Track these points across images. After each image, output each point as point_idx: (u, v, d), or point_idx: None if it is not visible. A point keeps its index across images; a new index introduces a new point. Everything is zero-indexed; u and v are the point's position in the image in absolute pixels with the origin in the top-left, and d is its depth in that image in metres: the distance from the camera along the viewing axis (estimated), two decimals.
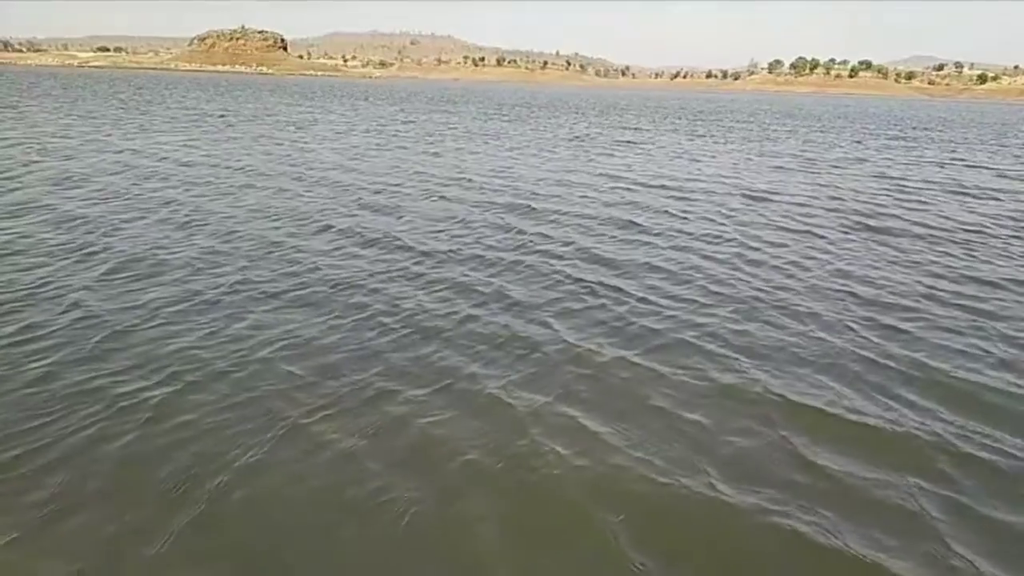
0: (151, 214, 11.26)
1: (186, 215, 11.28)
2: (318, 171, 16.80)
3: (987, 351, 6.62)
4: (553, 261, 9.36)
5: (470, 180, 16.28)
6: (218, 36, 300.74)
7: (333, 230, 10.70)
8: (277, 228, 10.78)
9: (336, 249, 9.64)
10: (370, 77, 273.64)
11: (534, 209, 12.99)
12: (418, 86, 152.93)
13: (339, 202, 13.06)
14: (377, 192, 14.33)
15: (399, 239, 10.26)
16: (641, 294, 8.05)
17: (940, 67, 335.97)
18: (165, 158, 17.92)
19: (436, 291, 7.91)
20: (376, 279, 8.27)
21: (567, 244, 10.34)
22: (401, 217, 11.90)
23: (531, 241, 10.48)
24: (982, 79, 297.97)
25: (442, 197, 14.06)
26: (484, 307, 7.41)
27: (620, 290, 8.15)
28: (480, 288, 8.05)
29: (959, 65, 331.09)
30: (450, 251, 9.72)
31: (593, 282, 8.44)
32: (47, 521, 3.80)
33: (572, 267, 9.10)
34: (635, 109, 68.08)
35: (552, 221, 11.98)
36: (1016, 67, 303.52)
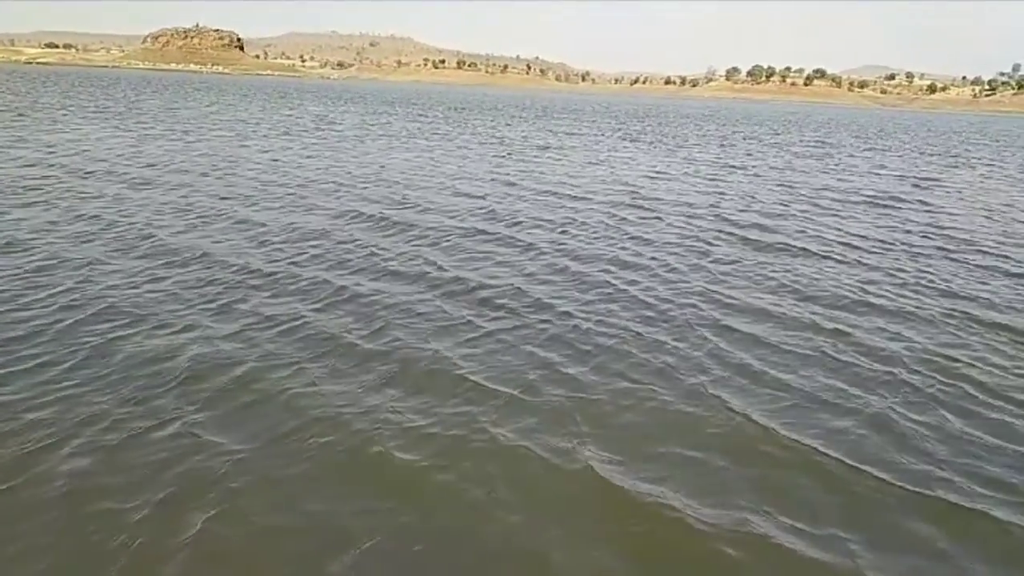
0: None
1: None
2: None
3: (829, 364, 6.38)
4: (416, 270, 8.76)
5: (362, 183, 15.14)
6: (172, 34, 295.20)
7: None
8: (160, 220, 10.64)
9: (205, 244, 9.20)
10: (327, 78, 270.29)
11: (416, 215, 12.28)
12: (374, 88, 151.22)
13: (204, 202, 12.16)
14: (251, 193, 13.44)
15: (247, 246, 9.54)
16: (499, 302, 7.67)
17: (891, 76, 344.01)
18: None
19: (281, 298, 7.47)
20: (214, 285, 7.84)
21: (436, 252, 9.72)
22: (258, 223, 10.90)
23: (399, 249, 9.84)
24: (931, 89, 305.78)
25: (337, 197, 13.38)
26: (325, 312, 7.09)
27: (486, 302, 7.68)
28: (339, 290, 7.76)
29: (910, 75, 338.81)
30: (309, 254, 9.25)
31: (457, 287, 8.12)
32: None
33: (436, 270, 8.75)
34: (579, 113, 67.51)
35: (426, 229, 11.11)
36: (964, 78, 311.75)
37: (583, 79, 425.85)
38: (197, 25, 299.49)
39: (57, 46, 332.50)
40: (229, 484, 4.14)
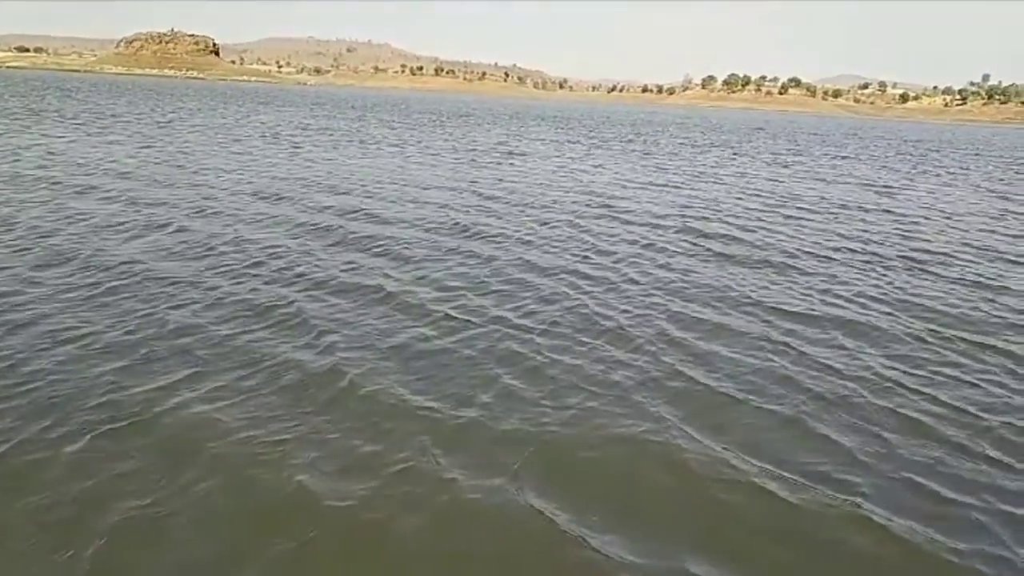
0: None
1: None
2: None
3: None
4: (365, 281, 8.50)
5: (322, 191, 14.83)
6: (146, 39, 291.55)
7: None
8: (100, 230, 10.31)
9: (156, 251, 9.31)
10: (304, 84, 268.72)
11: (374, 224, 12.00)
12: (350, 94, 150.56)
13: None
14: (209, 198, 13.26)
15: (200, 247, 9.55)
16: (447, 312, 7.53)
17: (865, 86, 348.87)
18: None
19: (216, 310, 7.18)
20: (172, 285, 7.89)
21: (387, 262, 9.57)
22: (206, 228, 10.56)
23: (349, 258, 9.64)
24: (904, 98, 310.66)
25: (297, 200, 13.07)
26: (260, 325, 6.84)
27: (434, 314, 7.51)
28: (274, 302, 7.48)
29: (883, 84, 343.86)
30: (251, 264, 9.01)
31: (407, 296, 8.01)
32: None
33: (387, 280, 8.57)
34: (553, 120, 67.57)
35: (383, 239, 10.84)
36: (935, 87, 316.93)
37: (561, 87, 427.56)
38: (172, 30, 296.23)
39: (28, 50, 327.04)
40: (138, 498, 4.03)
